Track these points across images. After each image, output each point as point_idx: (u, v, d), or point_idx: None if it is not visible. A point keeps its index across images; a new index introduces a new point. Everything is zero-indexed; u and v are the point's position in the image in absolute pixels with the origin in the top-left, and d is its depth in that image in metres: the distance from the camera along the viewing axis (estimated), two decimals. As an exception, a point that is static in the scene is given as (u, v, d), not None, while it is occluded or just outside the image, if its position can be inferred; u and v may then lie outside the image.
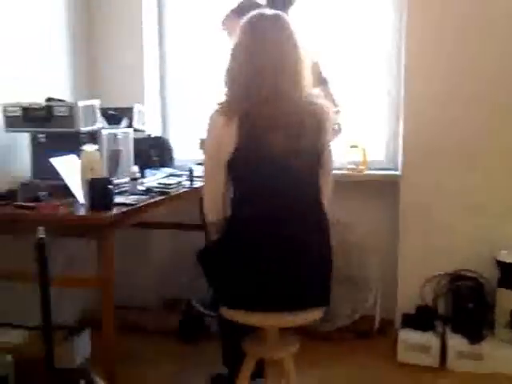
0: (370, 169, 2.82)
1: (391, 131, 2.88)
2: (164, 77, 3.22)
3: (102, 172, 1.98)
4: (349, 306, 2.78)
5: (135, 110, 2.60)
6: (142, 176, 2.50)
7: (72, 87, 2.89)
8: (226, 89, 1.79)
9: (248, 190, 1.77)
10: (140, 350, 2.64)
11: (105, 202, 1.87)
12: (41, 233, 1.54)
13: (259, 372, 1.93)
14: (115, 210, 1.90)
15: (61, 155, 2.12)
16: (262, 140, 1.71)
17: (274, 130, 1.70)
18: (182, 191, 2.34)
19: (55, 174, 2.10)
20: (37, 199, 2.02)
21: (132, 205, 1.98)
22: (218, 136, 1.75)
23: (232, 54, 1.78)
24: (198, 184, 2.45)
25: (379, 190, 2.83)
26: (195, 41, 3.15)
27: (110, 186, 1.91)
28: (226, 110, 1.74)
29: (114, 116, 2.51)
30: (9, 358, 1.89)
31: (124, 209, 1.92)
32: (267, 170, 1.73)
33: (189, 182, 2.43)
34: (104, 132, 2.33)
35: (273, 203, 1.73)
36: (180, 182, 2.40)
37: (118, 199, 2.01)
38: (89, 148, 1.94)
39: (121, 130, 2.47)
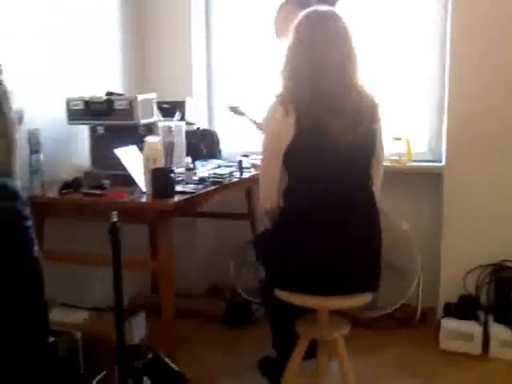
0: (414, 160, 2.87)
1: (435, 123, 2.90)
2: (210, 71, 3.30)
3: (162, 162, 2.09)
4: (391, 295, 2.83)
5: (188, 104, 2.69)
6: (194, 167, 2.62)
7: (124, 82, 3.00)
8: (284, 83, 1.86)
9: (303, 178, 1.85)
10: (188, 335, 2.71)
11: (167, 190, 1.98)
12: (114, 217, 1.65)
13: (309, 353, 2.02)
14: (176, 198, 2.00)
15: (119, 146, 2.21)
16: (319, 131, 1.78)
17: (333, 121, 1.77)
18: (233, 181, 2.42)
19: (114, 164, 2.21)
20: (101, 187, 2.14)
21: (192, 193, 2.07)
22: (276, 128, 1.83)
23: (290, 50, 1.85)
24: (247, 175, 2.54)
25: (423, 181, 2.88)
26: (241, 35, 3.22)
27: (172, 175, 2.02)
28: (285, 101, 1.81)
29: (167, 109, 2.61)
30: (78, 334, 2.01)
31: (185, 196, 2.02)
32: (323, 160, 1.81)
33: (238, 173, 2.52)
34: (160, 124, 2.42)
35: (327, 192, 1.81)
36: (231, 172, 2.49)
37: (176, 188, 2.09)
38: (152, 139, 2.04)
39: (174, 122, 2.56)
